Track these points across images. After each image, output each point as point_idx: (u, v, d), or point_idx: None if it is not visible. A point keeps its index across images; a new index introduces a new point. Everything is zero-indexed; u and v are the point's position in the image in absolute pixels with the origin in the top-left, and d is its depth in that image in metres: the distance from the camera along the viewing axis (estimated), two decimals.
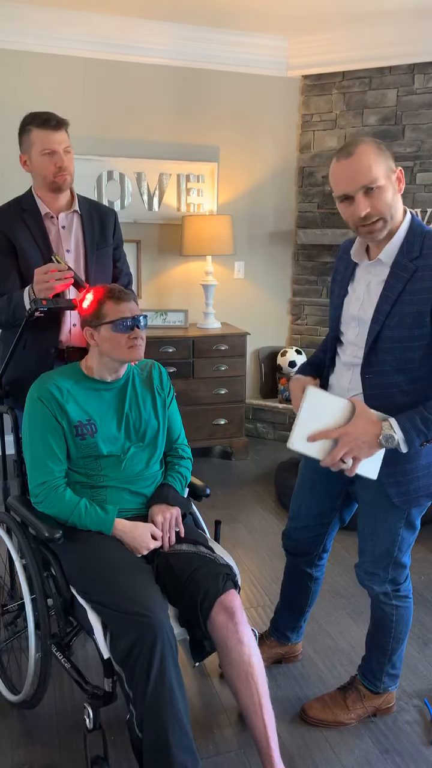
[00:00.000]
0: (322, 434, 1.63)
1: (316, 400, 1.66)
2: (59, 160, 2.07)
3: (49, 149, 2.06)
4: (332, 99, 4.25)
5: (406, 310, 1.62)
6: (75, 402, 1.87)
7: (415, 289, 1.61)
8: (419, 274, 1.61)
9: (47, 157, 2.07)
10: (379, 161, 1.58)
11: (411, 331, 1.62)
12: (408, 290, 1.62)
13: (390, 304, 1.64)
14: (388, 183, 1.59)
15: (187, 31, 3.93)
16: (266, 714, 1.68)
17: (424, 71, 3.97)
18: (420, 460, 1.72)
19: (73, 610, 1.78)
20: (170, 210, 4.21)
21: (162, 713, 1.54)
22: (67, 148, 2.09)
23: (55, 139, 2.06)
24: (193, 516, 2.11)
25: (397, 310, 1.63)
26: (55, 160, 2.07)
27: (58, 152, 2.07)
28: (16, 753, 1.86)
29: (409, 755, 1.87)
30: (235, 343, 4.03)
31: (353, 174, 1.58)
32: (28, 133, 2.08)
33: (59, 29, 3.72)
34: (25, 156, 2.12)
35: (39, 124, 2.05)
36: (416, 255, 1.62)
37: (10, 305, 2.04)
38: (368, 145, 1.58)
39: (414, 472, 1.72)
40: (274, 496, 3.64)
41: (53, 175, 2.09)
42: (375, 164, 1.57)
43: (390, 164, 1.61)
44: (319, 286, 4.54)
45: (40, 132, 2.05)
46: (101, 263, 2.25)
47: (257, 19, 3.80)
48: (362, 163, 1.57)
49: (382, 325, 1.65)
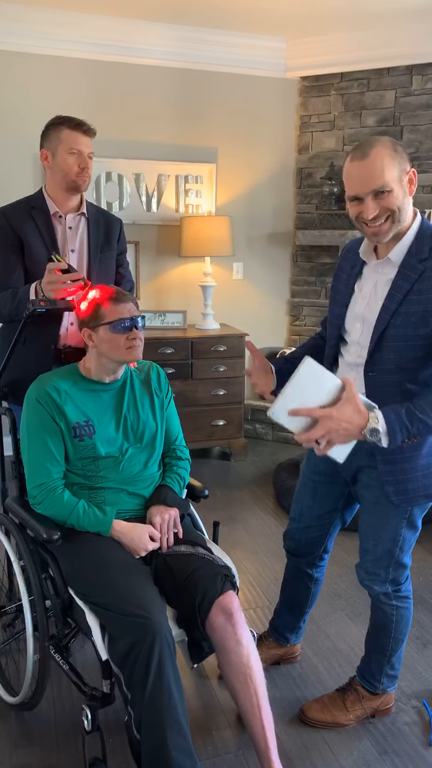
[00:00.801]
0: (305, 412, 1.56)
1: (310, 373, 1.57)
2: (83, 162, 2.16)
3: (77, 149, 2.15)
4: (330, 100, 4.25)
5: (412, 309, 1.62)
6: (73, 403, 1.87)
7: (423, 288, 1.61)
8: (427, 274, 1.61)
9: (73, 156, 2.15)
10: (393, 164, 1.57)
11: (416, 330, 1.62)
12: (415, 290, 1.62)
13: (397, 303, 1.64)
14: (398, 186, 1.59)
15: (185, 33, 3.93)
16: (265, 715, 1.68)
17: (422, 72, 3.97)
18: (420, 460, 1.72)
19: (71, 611, 1.78)
20: (169, 211, 4.21)
21: (160, 715, 1.54)
22: (90, 154, 2.19)
23: (84, 141, 2.16)
24: (192, 517, 2.11)
25: (403, 309, 1.63)
26: (80, 161, 2.15)
27: (84, 154, 2.16)
28: (15, 755, 1.86)
29: (408, 756, 1.87)
30: (233, 344, 4.03)
31: (366, 177, 1.58)
32: (58, 132, 2.16)
33: (57, 30, 3.72)
34: (48, 152, 2.18)
35: (73, 125, 2.15)
36: (425, 256, 1.63)
37: (14, 300, 2.08)
38: (383, 147, 1.58)
39: (413, 471, 1.72)
40: (272, 497, 3.64)
41: (75, 174, 2.16)
42: (388, 168, 1.56)
43: (404, 166, 1.60)
44: (318, 287, 4.55)
45: (72, 132, 2.14)
46: (104, 266, 2.30)
47: (255, 21, 3.80)
48: (375, 167, 1.56)
49: (388, 323, 1.65)
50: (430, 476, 1.74)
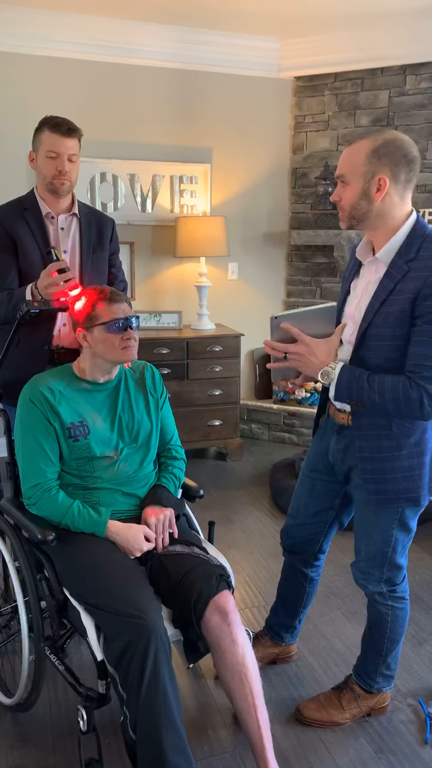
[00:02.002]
0: (295, 332, 1.69)
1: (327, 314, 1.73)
2: (60, 165, 2.13)
3: (54, 152, 2.12)
4: (324, 100, 4.26)
5: (392, 309, 1.63)
6: (67, 403, 1.87)
7: (404, 288, 1.62)
8: (410, 275, 1.61)
9: (50, 159, 2.13)
10: (364, 161, 1.61)
11: (393, 330, 1.63)
12: (397, 290, 1.63)
13: (380, 302, 1.66)
14: (358, 183, 1.63)
15: (179, 33, 3.93)
16: (260, 714, 1.68)
17: (415, 72, 3.98)
18: (400, 461, 1.73)
19: (66, 612, 1.78)
20: (163, 211, 4.21)
21: (156, 715, 1.54)
22: (72, 156, 2.15)
23: (62, 144, 2.12)
24: (187, 517, 2.11)
25: (384, 309, 1.65)
26: (56, 164, 2.13)
27: (62, 157, 2.13)
28: (11, 756, 1.85)
29: (404, 755, 1.88)
30: (229, 345, 4.03)
31: (340, 161, 1.68)
32: (40, 133, 2.16)
33: (52, 31, 3.72)
34: (33, 154, 2.19)
35: (51, 127, 2.13)
36: (412, 257, 1.63)
37: (10, 302, 2.08)
38: (369, 143, 1.62)
39: (392, 472, 1.73)
40: (268, 497, 3.64)
41: (52, 177, 2.15)
42: (357, 162, 1.63)
43: (378, 169, 1.61)
44: (313, 286, 4.55)
45: (51, 135, 2.12)
46: (96, 267, 2.29)
47: (249, 21, 3.81)
48: (346, 155, 1.66)
49: (370, 322, 1.67)
50: (413, 479, 1.74)
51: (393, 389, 1.60)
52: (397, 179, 1.62)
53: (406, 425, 1.71)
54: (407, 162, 1.62)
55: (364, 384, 1.64)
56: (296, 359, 1.69)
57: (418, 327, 1.59)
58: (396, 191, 1.64)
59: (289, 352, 1.69)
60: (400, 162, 1.61)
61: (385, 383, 1.61)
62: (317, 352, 1.67)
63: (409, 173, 1.63)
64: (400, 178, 1.63)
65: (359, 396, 1.65)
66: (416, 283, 1.59)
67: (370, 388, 1.63)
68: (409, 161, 1.62)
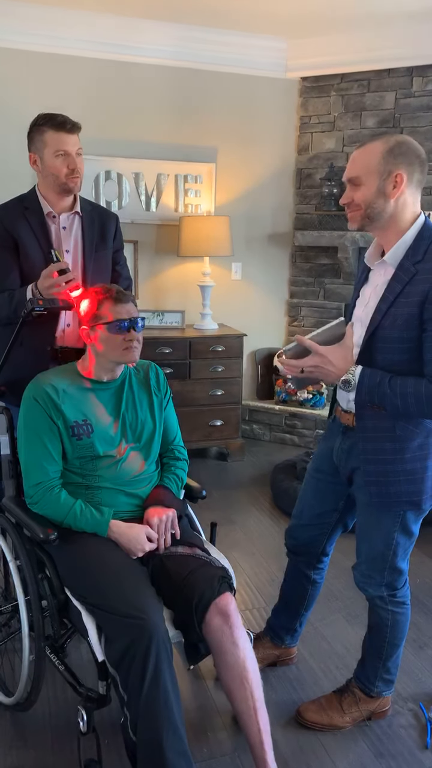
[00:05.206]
0: (309, 344, 1.69)
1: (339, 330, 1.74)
2: (72, 163, 2.10)
3: (63, 151, 2.08)
4: (330, 101, 4.25)
5: (399, 312, 1.63)
6: (71, 402, 1.86)
7: (411, 291, 1.62)
8: (418, 277, 1.61)
9: (61, 158, 2.09)
10: (378, 161, 1.61)
11: (401, 333, 1.63)
12: (405, 292, 1.63)
13: (387, 305, 1.65)
14: (373, 183, 1.63)
15: (186, 32, 3.93)
16: (261, 717, 1.67)
17: (422, 74, 3.97)
18: (404, 464, 1.72)
19: (67, 612, 1.77)
20: (168, 210, 4.21)
21: (156, 716, 1.53)
22: (78, 150, 2.13)
23: (69, 141, 2.09)
24: (189, 518, 2.10)
25: (392, 311, 1.64)
26: (68, 162, 2.10)
27: (71, 154, 2.10)
28: (10, 755, 1.85)
29: (404, 759, 1.87)
30: (231, 345, 4.03)
31: (350, 164, 1.67)
32: (41, 134, 2.10)
33: (57, 28, 3.71)
34: (36, 156, 2.13)
35: (55, 125, 2.08)
36: (419, 259, 1.63)
37: (11, 302, 2.06)
38: (382, 143, 1.62)
39: (395, 475, 1.72)
40: (269, 498, 3.63)
41: (65, 177, 2.11)
42: (372, 162, 1.62)
43: (393, 168, 1.62)
44: (317, 287, 4.54)
45: (55, 134, 2.08)
46: (99, 266, 2.27)
47: (256, 21, 3.80)
48: (359, 157, 1.65)
49: (378, 324, 1.67)
50: (415, 482, 1.73)
51: (416, 393, 1.60)
52: (411, 179, 1.64)
53: (409, 428, 1.70)
54: (420, 162, 1.64)
55: (386, 390, 1.63)
56: (314, 371, 1.69)
57: (430, 332, 1.59)
58: (409, 191, 1.65)
59: (306, 366, 1.69)
60: (414, 162, 1.63)
61: (408, 386, 1.61)
62: (334, 361, 1.67)
63: (421, 174, 1.65)
64: (413, 178, 1.64)
65: (381, 401, 1.65)
66: (424, 285, 1.59)
67: (393, 392, 1.62)
68: (422, 162, 1.65)
